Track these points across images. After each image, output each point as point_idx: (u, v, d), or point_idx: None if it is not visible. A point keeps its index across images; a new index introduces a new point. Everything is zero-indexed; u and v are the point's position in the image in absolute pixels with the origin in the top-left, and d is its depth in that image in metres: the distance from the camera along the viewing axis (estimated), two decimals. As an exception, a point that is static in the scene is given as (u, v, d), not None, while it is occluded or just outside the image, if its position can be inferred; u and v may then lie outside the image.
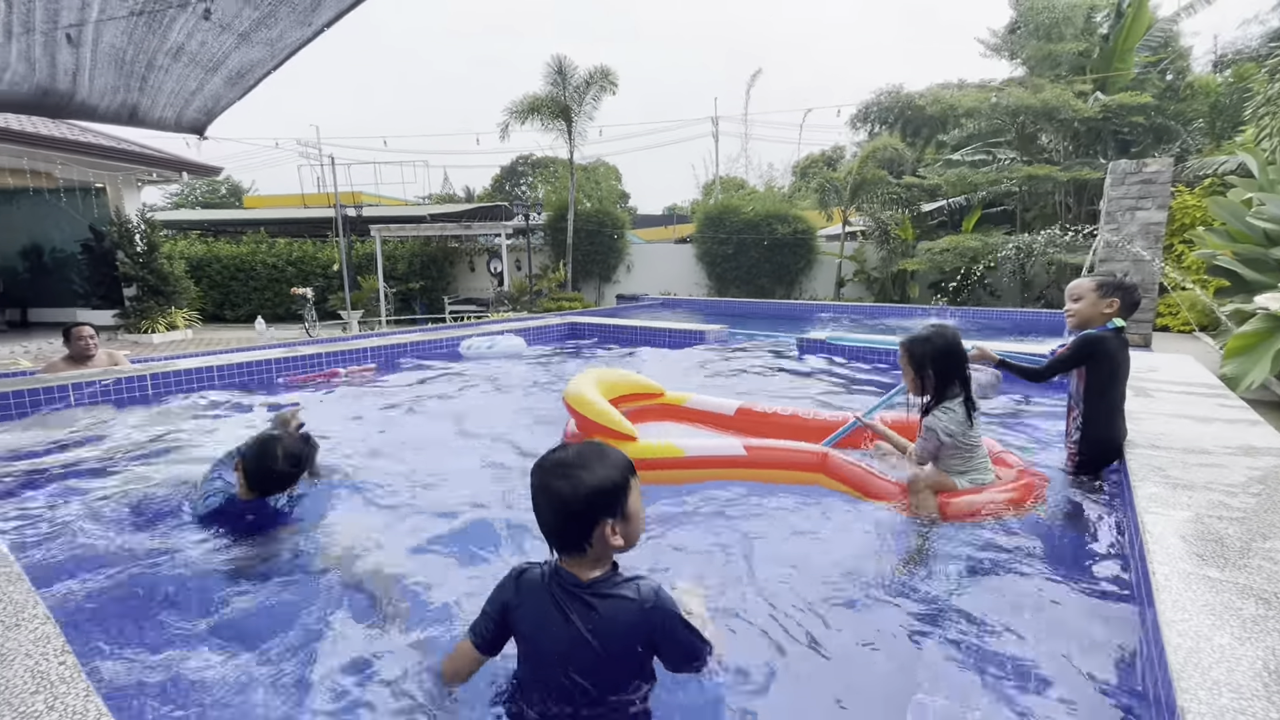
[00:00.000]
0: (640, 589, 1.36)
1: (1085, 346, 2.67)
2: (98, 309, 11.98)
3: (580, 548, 1.34)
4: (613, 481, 1.33)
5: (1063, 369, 2.74)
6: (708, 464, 2.88)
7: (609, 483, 1.33)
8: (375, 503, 2.78)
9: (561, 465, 1.34)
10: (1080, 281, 2.76)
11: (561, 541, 1.36)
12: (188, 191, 32.10)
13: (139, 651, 1.71)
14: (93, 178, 11.13)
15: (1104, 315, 2.68)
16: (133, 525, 2.52)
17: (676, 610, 1.36)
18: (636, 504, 1.39)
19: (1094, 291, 2.68)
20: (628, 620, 1.33)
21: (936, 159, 16.33)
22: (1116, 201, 6.86)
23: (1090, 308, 2.69)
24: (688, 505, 2.67)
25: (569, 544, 1.35)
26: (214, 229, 19.28)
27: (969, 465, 2.58)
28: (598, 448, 1.40)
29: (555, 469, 1.34)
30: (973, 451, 2.58)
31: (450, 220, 16.03)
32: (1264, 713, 1.08)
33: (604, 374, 3.55)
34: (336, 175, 14.38)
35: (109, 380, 4.55)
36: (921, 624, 1.85)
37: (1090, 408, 2.70)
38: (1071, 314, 2.76)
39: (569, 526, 1.33)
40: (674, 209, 32.39)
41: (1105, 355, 2.65)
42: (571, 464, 1.34)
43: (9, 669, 1.18)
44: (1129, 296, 2.68)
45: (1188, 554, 1.67)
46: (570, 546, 1.35)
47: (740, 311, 12.51)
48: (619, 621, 1.33)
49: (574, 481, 1.31)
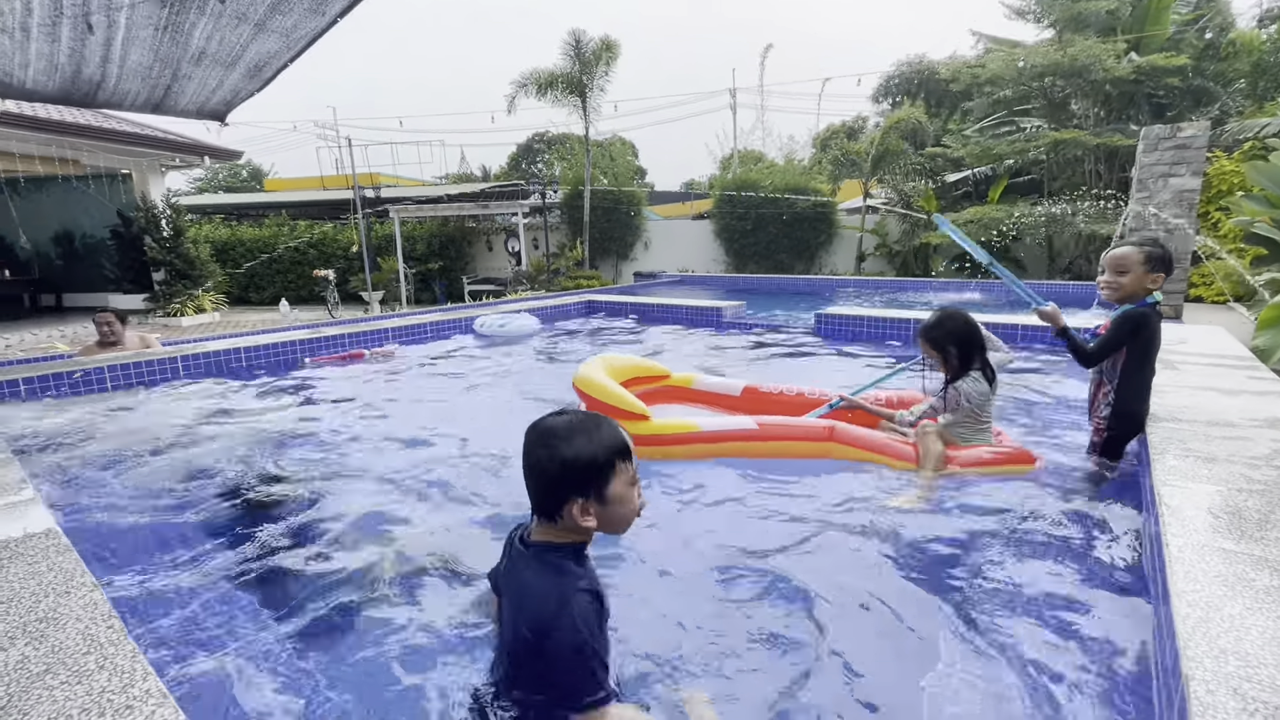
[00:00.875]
0: (566, 585, 1.23)
1: (1132, 326, 2.52)
2: (129, 293, 12.29)
3: (551, 517, 1.29)
4: (591, 459, 1.25)
5: (1112, 351, 2.58)
6: (722, 438, 2.92)
7: (587, 460, 1.25)
8: (386, 481, 2.87)
9: (547, 433, 1.29)
10: (1126, 252, 2.52)
11: (535, 505, 1.32)
12: (210, 175, 32.53)
13: (178, 618, 1.81)
14: (118, 164, 11.34)
15: (1147, 289, 2.53)
16: (170, 502, 2.64)
17: (580, 639, 1.18)
18: (623, 490, 1.28)
19: (1142, 265, 2.49)
20: (534, 603, 1.24)
21: (960, 129, 15.87)
22: (1148, 168, 6.63)
23: (1136, 282, 2.52)
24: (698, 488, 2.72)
25: (541, 510, 1.31)
26: (237, 212, 19.55)
27: (975, 435, 2.73)
28: (593, 422, 1.31)
29: (541, 435, 1.29)
30: (984, 423, 2.74)
31: (467, 200, 16.04)
32: (1270, 680, 1.09)
33: (611, 359, 3.59)
34: (354, 157, 14.45)
35: (141, 362, 4.70)
36: (926, 586, 1.87)
37: (1124, 384, 2.61)
38: (1114, 287, 2.56)
39: (542, 494, 1.29)
40: (692, 184, 31.99)
41: (1152, 333, 2.54)
42: (556, 434, 1.27)
43: (62, 632, 1.26)
44: (1171, 268, 2.54)
45: (1204, 526, 1.66)
46: (542, 512, 1.31)
47: (758, 288, 12.41)
48: (528, 595, 1.26)
49: (551, 452, 1.26)
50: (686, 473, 2.79)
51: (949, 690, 1.49)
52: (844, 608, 1.82)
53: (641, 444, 2.87)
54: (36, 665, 1.16)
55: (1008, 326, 5.42)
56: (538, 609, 1.22)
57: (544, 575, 1.27)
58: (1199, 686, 1.08)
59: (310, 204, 18.83)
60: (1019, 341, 5.35)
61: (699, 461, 2.87)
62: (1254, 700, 1.05)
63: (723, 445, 2.91)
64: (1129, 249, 2.53)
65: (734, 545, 2.18)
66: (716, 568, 2.06)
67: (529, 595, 1.26)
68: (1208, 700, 1.05)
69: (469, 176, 29.87)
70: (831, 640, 1.68)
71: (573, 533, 1.31)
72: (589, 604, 1.23)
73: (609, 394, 3.06)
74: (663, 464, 2.85)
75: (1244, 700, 1.05)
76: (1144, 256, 2.49)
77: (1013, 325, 5.43)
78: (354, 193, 13.86)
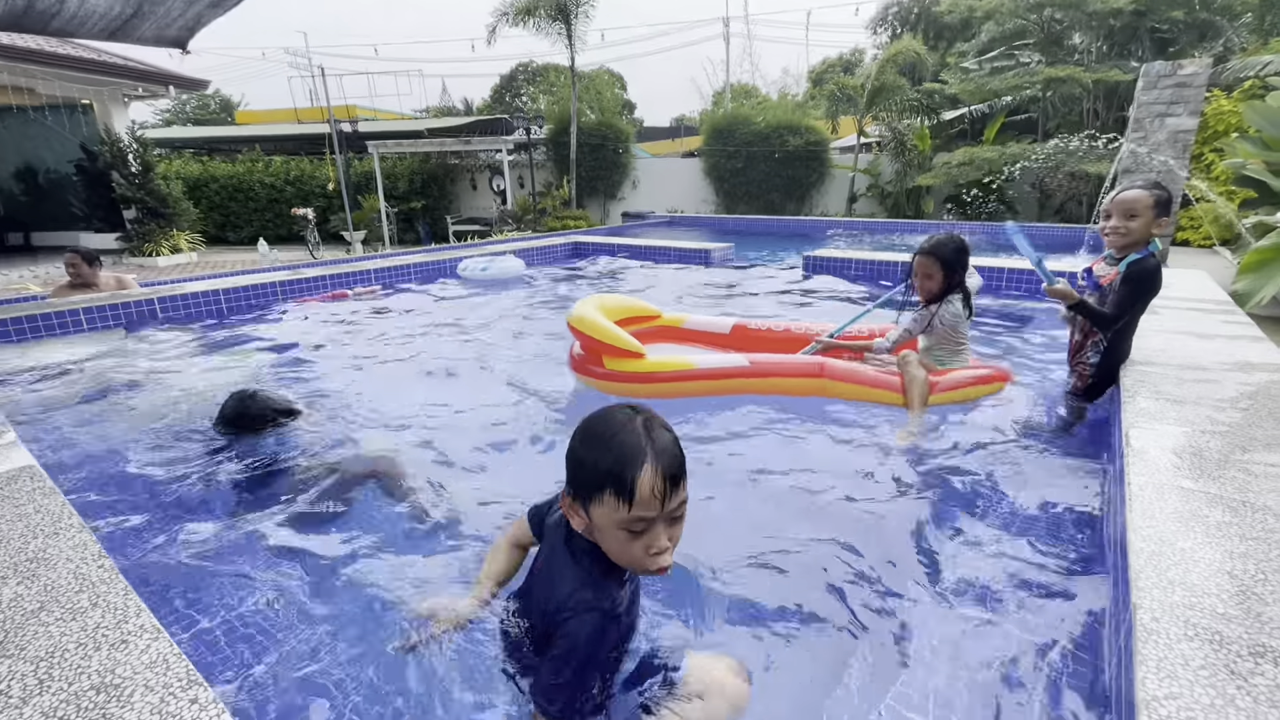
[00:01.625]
0: (583, 587, 1.17)
1: (1149, 281, 2.46)
2: (99, 232, 11.89)
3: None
4: (580, 461, 1.14)
5: (1132, 309, 2.53)
6: (716, 376, 2.99)
7: (576, 458, 1.15)
8: (375, 422, 2.89)
9: (593, 417, 1.18)
10: (1138, 195, 2.43)
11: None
12: (178, 108, 30.98)
13: (165, 556, 1.85)
14: (77, 94, 10.74)
15: (1152, 235, 2.48)
16: (152, 441, 2.64)
17: (583, 633, 1.13)
18: (607, 522, 1.11)
19: (1151, 209, 2.40)
20: (560, 592, 1.18)
21: (959, 63, 15.35)
22: (1146, 107, 6.51)
23: (1145, 227, 2.43)
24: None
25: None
26: (208, 147, 18.76)
27: (953, 359, 2.89)
28: (619, 434, 1.11)
29: (592, 420, 1.18)
30: (961, 347, 2.91)
31: (449, 135, 15.48)
32: (1211, 608, 1.16)
33: (604, 299, 3.57)
34: (328, 88, 13.79)
35: (118, 304, 4.61)
36: (899, 519, 1.95)
37: (1120, 335, 2.61)
38: (1124, 232, 2.46)
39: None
40: (682, 120, 30.99)
41: (1159, 286, 2.51)
42: (593, 420, 1.17)
43: (53, 571, 1.29)
44: (1170, 210, 2.51)
45: (1166, 466, 1.72)
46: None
47: (748, 229, 12.26)
48: (555, 584, 1.21)
49: (577, 430, 1.18)
50: (680, 410, 2.85)
51: (919, 618, 1.58)
52: (830, 541, 1.90)
53: (637, 381, 2.93)
54: (30, 603, 1.19)
55: (994, 269, 5.43)
56: (563, 598, 1.17)
57: (571, 566, 1.21)
58: (1145, 614, 1.15)
59: (285, 138, 18.08)
60: (1003, 285, 5.38)
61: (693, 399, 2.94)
62: (1194, 626, 1.12)
63: (717, 383, 2.98)
64: (1139, 192, 2.44)
65: (724, 483, 2.25)
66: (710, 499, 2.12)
67: (555, 583, 1.22)
68: (1152, 627, 1.12)
69: (450, 110, 28.71)
70: (823, 566, 1.76)
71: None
72: (598, 624, 1.16)
73: (604, 332, 3.05)
74: (656, 402, 2.88)
75: (1186, 627, 1.12)
76: (1154, 200, 2.42)
77: (999, 268, 5.44)
78: (330, 127, 13.29)
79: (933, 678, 1.40)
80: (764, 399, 2.94)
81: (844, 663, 1.44)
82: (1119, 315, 2.52)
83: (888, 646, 1.50)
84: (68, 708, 0.95)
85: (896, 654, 1.48)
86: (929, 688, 1.37)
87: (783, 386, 2.97)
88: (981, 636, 1.52)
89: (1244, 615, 1.14)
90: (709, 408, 2.90)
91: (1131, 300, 2.50)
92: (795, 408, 2.87)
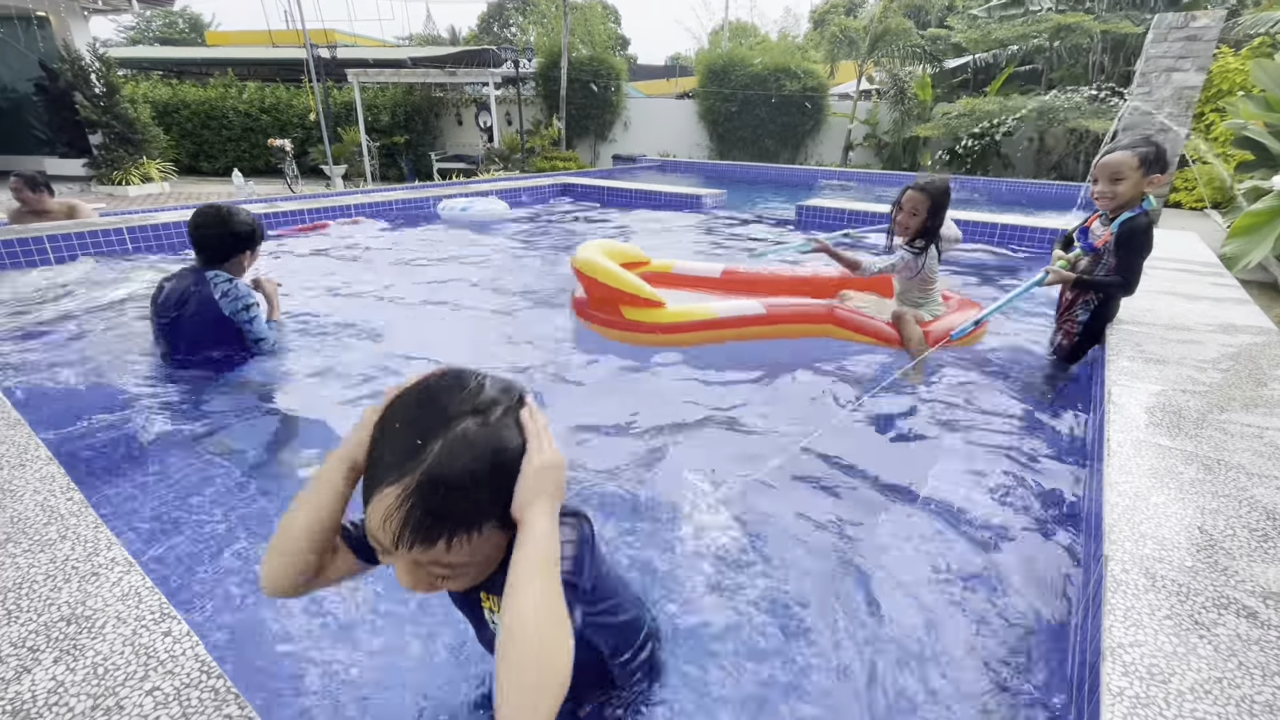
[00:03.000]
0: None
1: (1140, 239, 2.42)
2: (64, 157, 11.32)
3: None
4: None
5: (1139, 273, 2.48)
6: (734, 324, 3.02)
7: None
8: (344, 352, 2.84)
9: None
10: (1121, 157, 2.38)
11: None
12: (143, 25, 29.12)
13: (137, 488, 1.82)
14: (32, 4, 10.00)
15: (1143, 194, 2.44)
16: (116, 372, 2.57)
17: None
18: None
19: (1137, 169, 2.37)
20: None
21: (966, 7, 14.78)
22: (1154, 61, 6.34)
23: (1133, 188, 2.40)
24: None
25: None
26: (177, 69, 17.73)
27: (926, 299, 3.09)
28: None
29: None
30: (932, 287, 3.09)
31: (433, 65, 14.72)
32: (1179, 561, 1.19)
33: (604, 245, 3.47)
34: (304, 9, 12.96)
35: (85, 232, 4.42)
36: (879, 461, 1.98)
37: (1111, 294, 2.59)
38: (1110, 196, 2.43)
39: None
40: (677, 59, 29.81)
41: (1150, 241, 2.47)
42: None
43: (19, 503, 1.26)
44: (1166, 165, 2.42)
45: (1146, 424, 1.74)
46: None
47: (742, 176, 11.99)
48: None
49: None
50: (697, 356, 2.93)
51: (893, 557, 1.61)
52: (812, 482, 1.92)
53: (660, 331, 2.96)
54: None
55: (988, 224, 5.39)
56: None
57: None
58: (1115, 566, 1.18)
59: (259, 63, 17.11)
60: (997, 238, 5.35)
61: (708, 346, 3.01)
62: (1162, 579, 1.14)
63: (734, 330, 3.04)
64: (1123, 154, 2.39)
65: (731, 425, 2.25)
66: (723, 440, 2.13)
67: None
68: (1122, 578, 1.14)
69: (435, 39, 27.31)
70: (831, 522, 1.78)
71: None
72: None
73: (619, 279, 2.96)
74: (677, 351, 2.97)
75: (1153, 579, 1.14)
76: (1138, 160, 2.36)
77: (993, 223, 5.39)
78: (307, 52, 12.58)
79: (905, 618, 1.43)
80: (776, 342, 3.07)
81: (820, 604, 1.47)
82: (1129, 280, 2.47)
83: (858, 588, 1.54)
84: (37, 638, 0.94)
85: (867, 594, 1.51)
86: (902, 628, 1.40)
87: (794, 332, 3.09)
88: (954, 581, 1.56)
89: (1210, 569, 1.17)
90: (725, 353, 2.98)
91: (1130, 261, 2.46)
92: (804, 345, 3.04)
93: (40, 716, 0.82)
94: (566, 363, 2.92)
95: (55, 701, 0.84)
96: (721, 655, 1.32)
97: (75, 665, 0.90)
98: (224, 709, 0.84)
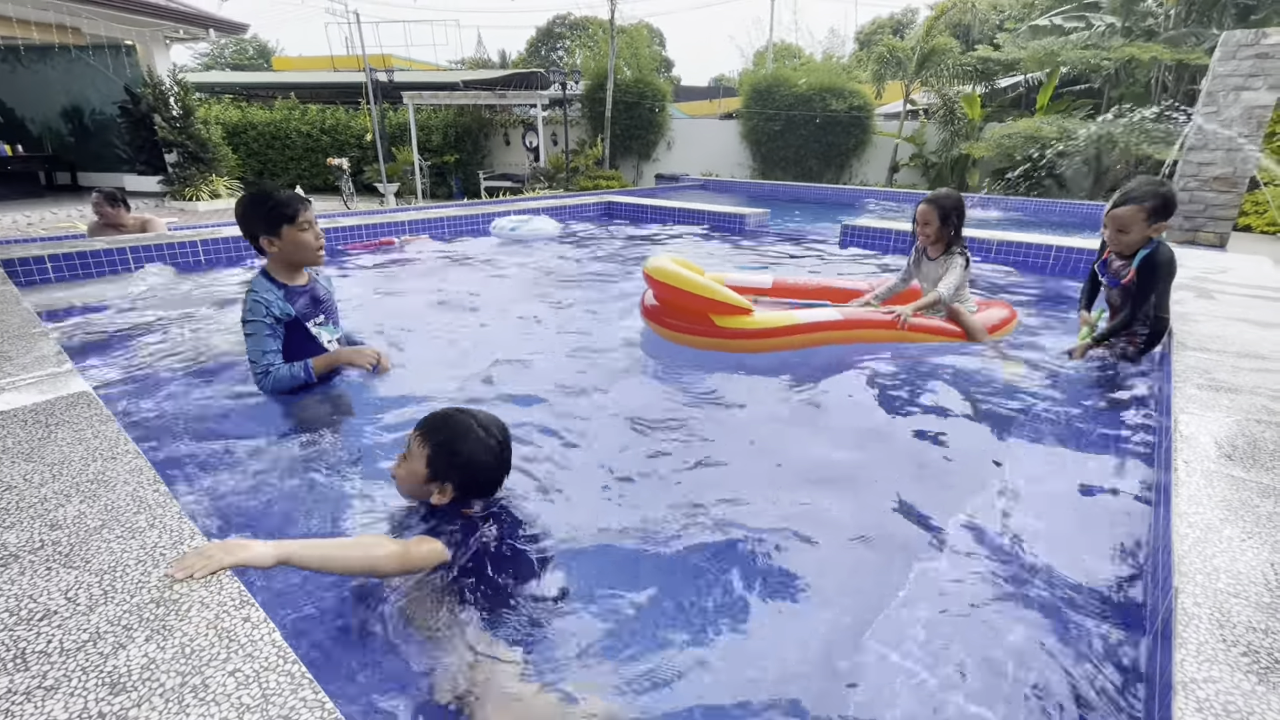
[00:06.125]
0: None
1: (1165, 269, 2.65)
2: (143, 174, 12.11)
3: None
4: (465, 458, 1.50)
5: (1167, 301, 2.72)
6: (816, 329, 3.18)
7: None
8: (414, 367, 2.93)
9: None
10: (1127, 212, 2.63)
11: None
12: (216, 52, 31.09)
13: (217, 483, 1.92)
14: (121, 34, 10.81)
15: (1149, 239, 2.66)
16: (201, 378, 2.73)
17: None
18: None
19: (1145, 221, 2.61)
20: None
21: (1017, 27, 14.51)
22: (1221, 79, 6.11)
23: (1140, 235, 2.65)
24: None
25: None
26: (245, 92, 18.83)
27: (963, 301, 3.32)
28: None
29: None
30: (965, 290, 3.34)
31: (484, 88, 15.26)
32: (1257, 597, 1.14)
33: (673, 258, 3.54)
34: (364, 35, 13.66)
35: (161, 244, 4.71)
36: (940, 469, 1.94)
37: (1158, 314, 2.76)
38: (1119, 243, 2.71)
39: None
40: (721, 80, 30.10)
41: (1173, 267, 2.69)
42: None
43: (113, 493, 1.35)
44: (1173, 210, 2.63)
45: (1216, 454, 1.67)
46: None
47: (785, 196, 11.97)
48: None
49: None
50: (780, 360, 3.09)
51: (950, 578, 1.58)
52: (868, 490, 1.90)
53: (749, 338, 3.10)
54: (93, 520, 1.25)
55: (1038, 246, 5.24)
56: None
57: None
58: (1186, 599, 1.13)
59: (321, 86, 18.06)
60: (1051, 266, 5.20)
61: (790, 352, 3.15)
62: (1237, 615, 1.09)
63: (816, 335, 3.18)
64: (1129, 209, 2.62)
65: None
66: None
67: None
68: (1193, 611, 1.10)
69: (486, 63, 28.27)
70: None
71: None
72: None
73: (703, 287, 3.03)
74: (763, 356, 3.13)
75: (1226, 614, 1.09)
76: (1146, 213, 2.59)
77: (1046, 245, 5.24)
78: (366, 76, 13.20)
79: (963, 640, 1.40)
80: (848, 347, 3.24)
81: (878, 623, 1.45)
82: (1162, 314, 2.71)
83: (914, 608, 1.50)
84: (130, 618, 1.01)
85: (924, 617, 1.48)
86: (960, 652, 1.37)
87: (868, 336, 3.26)
88: (1014, 602, 1.51)
89: (1291, 606, 1.11)
90: (803, 355, 3.15)
91: (1158, 291, 2.68)
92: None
93: (135, 689, 0.88)
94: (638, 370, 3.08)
95: (148, 677, 0.90)
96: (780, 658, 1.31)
97: (165, 644, 0.96)
98: (299, 692, 0.89)
